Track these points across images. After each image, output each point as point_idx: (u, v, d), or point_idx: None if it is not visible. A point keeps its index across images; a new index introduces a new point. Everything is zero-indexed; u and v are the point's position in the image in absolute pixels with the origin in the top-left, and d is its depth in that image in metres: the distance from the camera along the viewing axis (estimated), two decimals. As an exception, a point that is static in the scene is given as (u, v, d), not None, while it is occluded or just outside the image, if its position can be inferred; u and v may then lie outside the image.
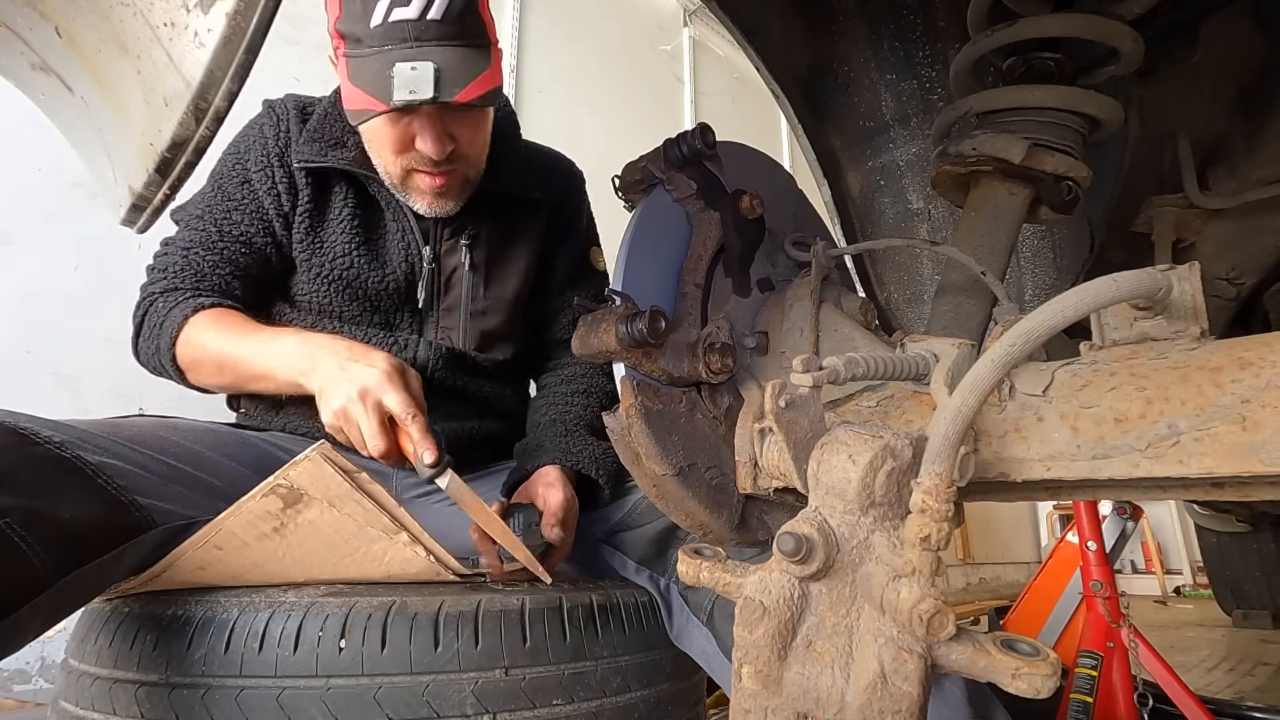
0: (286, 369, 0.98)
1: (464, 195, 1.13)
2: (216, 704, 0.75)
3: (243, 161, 1.13)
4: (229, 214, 1.12)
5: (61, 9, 0.55)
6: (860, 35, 1.46)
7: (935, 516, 0.48)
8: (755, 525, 0.78)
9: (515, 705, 0.80)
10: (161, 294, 1.09)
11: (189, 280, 1.10)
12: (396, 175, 1.08)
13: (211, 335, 1.04)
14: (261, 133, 1.14)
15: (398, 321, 1.19)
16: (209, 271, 1.10)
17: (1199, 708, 1.56)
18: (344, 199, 1.14)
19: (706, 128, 0.79)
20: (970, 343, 0.68)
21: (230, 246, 1.12)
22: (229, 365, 1.04)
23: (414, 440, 0.89)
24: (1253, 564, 3.45)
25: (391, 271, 1.15)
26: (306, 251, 1.14)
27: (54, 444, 0.77)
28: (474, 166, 1.12)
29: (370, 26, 0.93)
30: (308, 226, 1.13)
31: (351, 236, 1.13)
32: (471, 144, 1.08)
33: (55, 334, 1.90)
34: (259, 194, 1.12)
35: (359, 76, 0.95)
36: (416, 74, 0.91)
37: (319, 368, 0.95)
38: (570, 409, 1.21)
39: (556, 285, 1.32)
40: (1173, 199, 1.26)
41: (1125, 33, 0.91)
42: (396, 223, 1.15)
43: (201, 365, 1.06)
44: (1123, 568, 6.34)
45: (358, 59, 0.95)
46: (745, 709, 0.52)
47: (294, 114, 1.15)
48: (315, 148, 1.11)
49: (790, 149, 4.50)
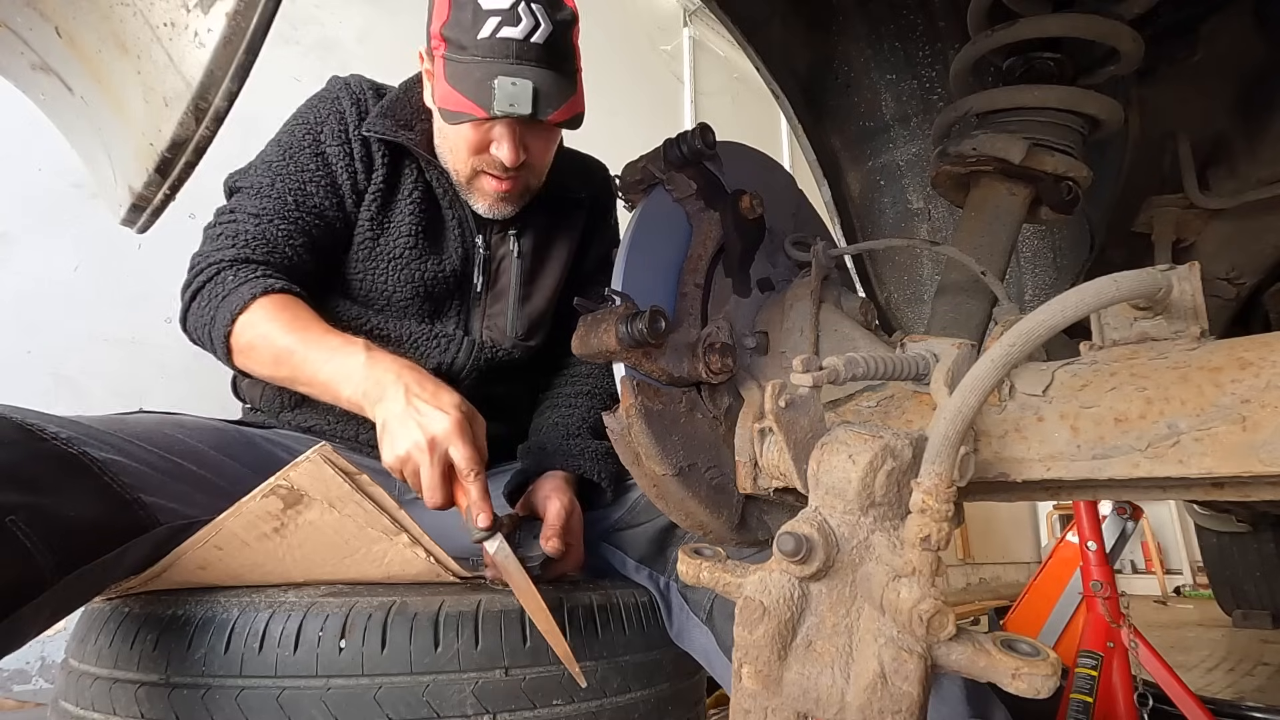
0: (351, 389, 0.95)
1: (522, 202, 1.17)
2: (216, 704, 0.75)
3: (315, 133, 1.12)
4: (304, 185, 1.10)
5: (61, 9, 0.55)
6: (860, 35, 1.46)
7: (935, 516, 0.48)
8: (755, 525, 0.78)
9: (515, 705, 0.80)
10: (230, 264, 1.04)
11: (261, 250, 1.06)
12: (465, 174, 1.12)
13: (277, 327, 1.00)
14: (338, 104, 1.14)
15: (446, 311, 1.19)
16: (282, 242, 1.07)
17: (1199, 708, 1.56)
18: (414, 180, 1.16)
19: (706, 128, 0.79)
20: (970, 343, 0.69)
21: (305, 218, 1.09)
22: (288, 363, 1.00)
23: (471, 500, 0.87)
24: (1253, 564, 3.45)
25: (448, 257, 1.17)
26: (374, 230, 1.13)
27: (61, 439, 0.77)
28: (537, 177, 1.16)
29: (477, 38, 0.99)
30: (379, 205, 1.13)
31: (418, 219, 1.15)
32: (541, 157, 1.14)
33: (55, 334, 1.90)
34: (334, 167, 1.11)
35: (459, 81, 1.00)
36: (517, 90, 0.98)
37: (386, 399, 0.91)
38: (574, 410, 1.23)
39: (586, 278, 1.35)
40: (1173, 199, 1.26)
41: (1125, 33, 0.91)
42: (452, 210, 1.17)
43: (257, 353, 1.02)
44: (1123, 568, 6.34)
45: (459, 64, 1.00)
46: (745, 709, 0.53)
47: (370, 93, 1.17)
48: (387, 123, 1.13)
49: (790, 149, 4.49)
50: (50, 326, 1.89)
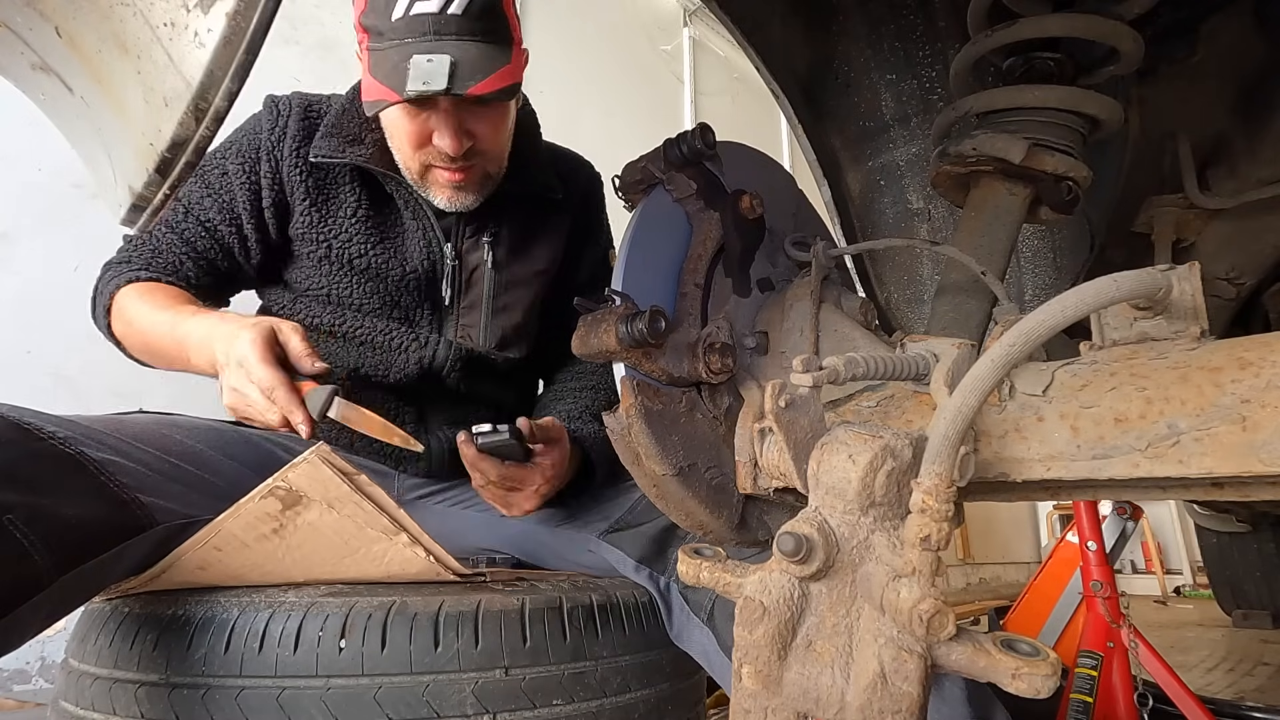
0: (197, 358, 0.99)
1: (484, 190, 1.13)
2: (216, 704, 0.75)
3: (226, 152, 1.14)
4: (201, 200, 1.13)
5: (61, 9, 0.54)
6: (860, 35, 1.46)
7: (935, 516, 0.48)
8: (755, 525, 0.78)
9: (515, 705, 0.80)
10: (115, 264, 1.12)
11: (144, 254, 1.12)
12: (416, 170, 1.09)
13: (139, 307, 1.05)
14: (256, 127, 1.15)
15: (418, 318, 1.19)
16: (165, 249, 1.12)
17: (1199, 708, 1.56)
18: (355, 197, 1.14)
19: (706, 128, 0.79)
20: (970, 343, 0.68)
21: (192, 229, 1.13)
22: (150, 340, 1.05)
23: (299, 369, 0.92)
24: (1253, 564, 3.45)
25: (413, 267, 1.15)
26: (310, 244, 1.14)
27: (58, 439, 0.77)
28: (494, 163, 1.12)
29: (392, 20, 0.94)
30: (309, 221, 1.13)
31: (364, 230, 1.14)
32: (491, 140, 1.08)
33: (55, 334, 1.89)
34: (233, 186, 1.13)
35: (378, 69, 0.96)
36: (432, 66, 0.91)
37: (215, 361, 0.95)
38: (579, 399, 1.24)
39: (580, 285, 1.33)
40: (1173, 199, 1.26)
41: (1125, 33, 0.91)
42: (416, 220, 1.15)
43: (130, 339, 1.08)
44: (1123, 568, 6.34)
45: (379, 52, 0.96)
46: (745, 709, 0.52)
47: (296, 111, 1.15)
48: (333, 143, 1.11)
49: (790, 149, 4.49)
50: (50, 326, 1.89)
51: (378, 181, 1.14)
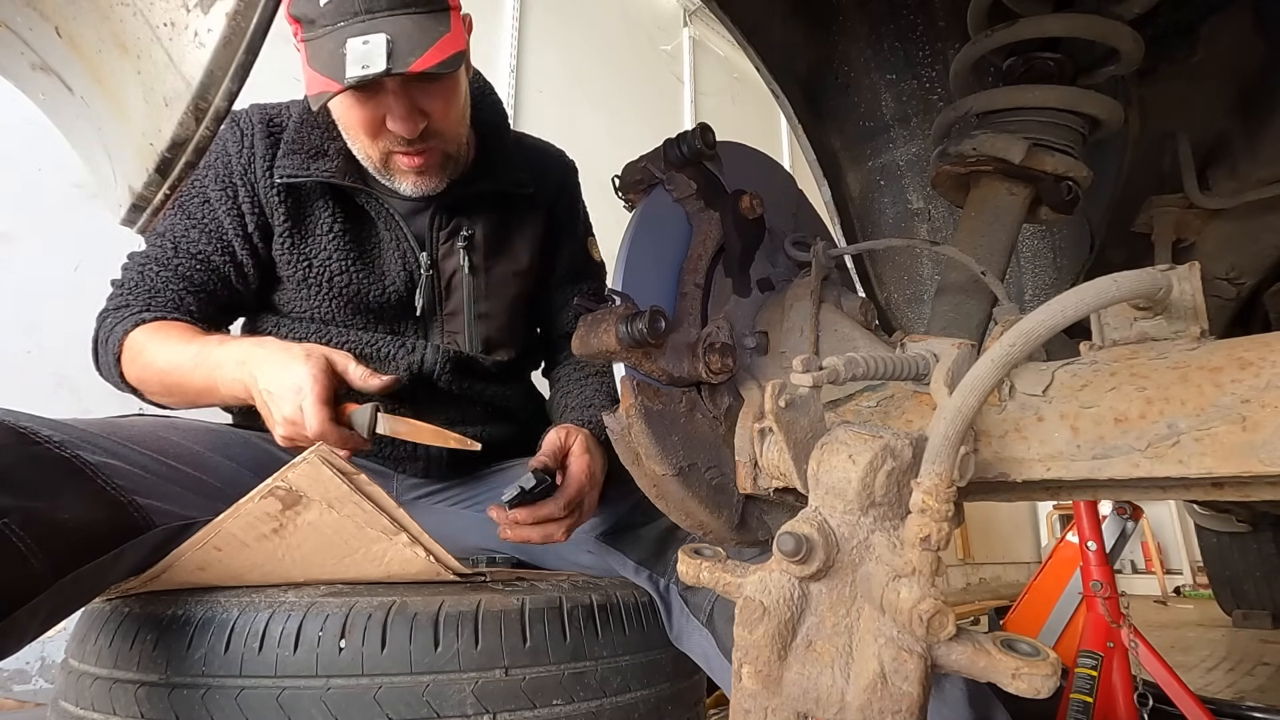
0: (226, 391, 0.97)
1: (447, 172, 1.11)
2: (216, 704, 0.75)
3: (202, 179, 1.11)
4: (187, 231, 1.10)
5: (61, 9, 0.55)
6: (860, 35, 1.46)
7: (935, 516, 0.48)
8: (755, 525, 0.78)
9: (515, 705, 0.80)
10: (113, 311, 1.08)
11: (141, 297, 1.08)
12: (376, 159, 1.06)
13: (154, 348, 1.02)
14: (225, 150, 1.11)
15: (403, 328, 1.18)
16: (161, 287, 1.09)
17: (1199, 708, 1.56)
18: (330, 212, 1.11)
19: (706, 128, 0.79)
20: (970, 343, 0.68)
21: (185, 263, 1.10)
22: (173, 380, 1.02)
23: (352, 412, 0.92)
24: (1253, 564, 3.45)
25: (391, 283, 1.14)
26: (291, 266, 1.11)
27: (54, 443, 0.77)
28: (453, 142, 1.09)
29: (320, 5, 0.91)
30: (289, 243, 1.11)
31: (343, 250, 1.11)
32: (445, 118, 1.05)
33: (55, 334, 1.89)
34: (217, 213, 1.10)
35: (315, 59, 0.92)
36: (369, 47, 0.88)
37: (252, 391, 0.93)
38: (587, 387, 1.23)
39: (560, 279, 1.32)
40: (1173, 199, 1.26)
41: (1125, 33, 0.91)
42: (389, 232, 1.14)
43: (148, 383, 1.05)
44: (1123, 568, 6.34)
45: (314, 41, 0.93)
46: (745, 709, 0.52)
47: (259, 128, 1.11)
48: (297, 160, 1.08)
49: (790, 149, 4.50)
50: (50, 326, 1.89)
51: (349, 197, 1.12)
